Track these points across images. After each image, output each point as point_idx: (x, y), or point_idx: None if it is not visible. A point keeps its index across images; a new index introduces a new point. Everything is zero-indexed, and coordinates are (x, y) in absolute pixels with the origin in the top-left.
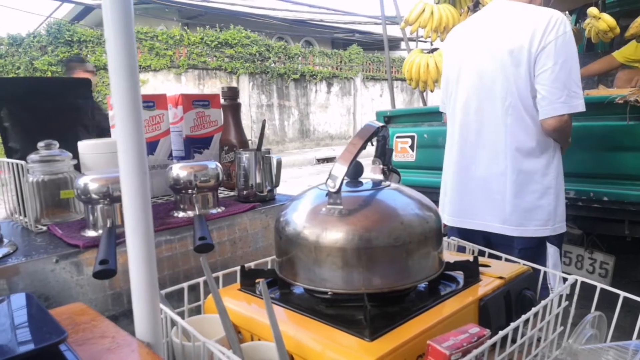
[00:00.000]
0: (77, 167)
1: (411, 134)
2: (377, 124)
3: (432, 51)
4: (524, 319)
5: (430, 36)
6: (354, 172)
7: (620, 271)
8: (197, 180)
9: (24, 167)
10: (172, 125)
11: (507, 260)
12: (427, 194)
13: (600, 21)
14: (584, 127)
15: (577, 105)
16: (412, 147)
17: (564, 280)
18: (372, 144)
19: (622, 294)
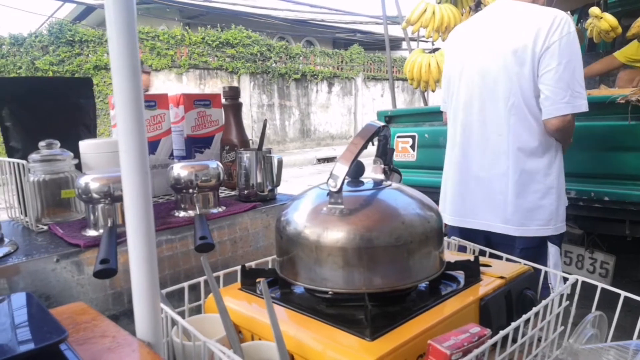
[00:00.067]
0: (78, 167)
1: (412, 133)
2: (378, 123)
3: (434, 51)
4: (524, 318)
5: (431, 36)
6: (355, 172)
7: (620, 271)
8: (198, 179)
9: (25, 167)
10: (174, 124)
11: (508, 260)
12: (428, 194)
13: (602, 21)
14: (585, 127)
15: (581, 105)
16: (413, 146)
17: (565, 280)
18: (373, 144)
19: (623, 294)
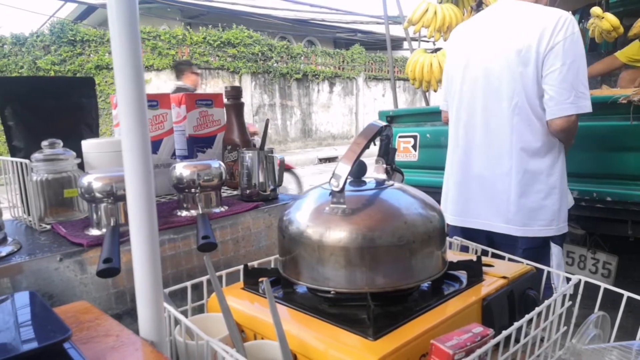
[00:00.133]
0: (81, 166)
1: (414, 133)
2: (380, 123)
3: (436, 51)
4: (527, 318)
5: (433, 36)
6: (358, 172)
7: (623, 271)
8: (200, 179)
9: (28, 166)
10: (175, 124)
11: (511, 260)
12: (429, 194)
13: (603, 21)
14: (587, 127)
15: (585, 106)
16: (414, 146)
17: (568, 280)
18: (375, 144)
19: (626, 294)
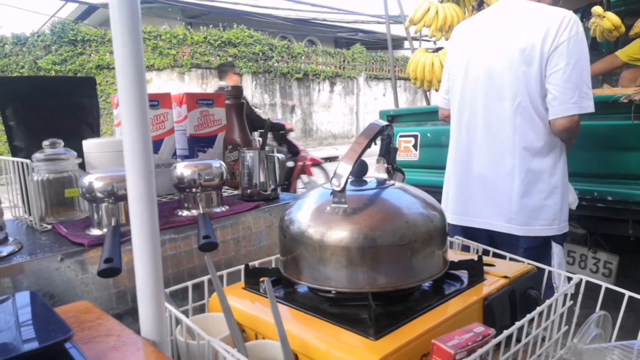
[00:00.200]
0: (82, 166)
1: (414, 133)
2: (382, 122)
3: (437, 50)
4: (528, 318)
5: (435, 35)
6: (359, 171)
7: (623, 271)
8: (201, 179)
9: (29, 166)
10: (176, 124)
11: (512, 259)
12: (430, 194)
13: (604, 20)
14: (588, 126)
15: (588, 106)
16: (415, 146)
17: (569, 279)
18: (376, 143)
19: (628, 294)
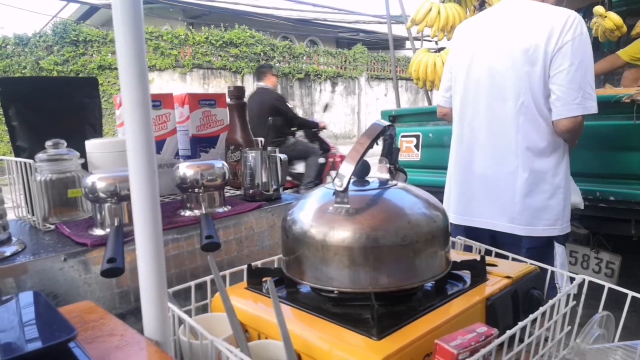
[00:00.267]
0: (85, 166)
1: (416, 133)
2: (384, 123)
3: (439, 50)
4: (531, 318)
5: (437, 35)
6: (361, 171)
7: (626, 271)
8: (204, 179)
9: (32, 166)
10: (179, 124)
11: (514, 259)
12: (432, 194)
13: (606, 20)
14: (590, 126)
15: (591, 107)
16: (417, 146)
17: (572, 279)
18: (378, 144)
19: (631, 294)
